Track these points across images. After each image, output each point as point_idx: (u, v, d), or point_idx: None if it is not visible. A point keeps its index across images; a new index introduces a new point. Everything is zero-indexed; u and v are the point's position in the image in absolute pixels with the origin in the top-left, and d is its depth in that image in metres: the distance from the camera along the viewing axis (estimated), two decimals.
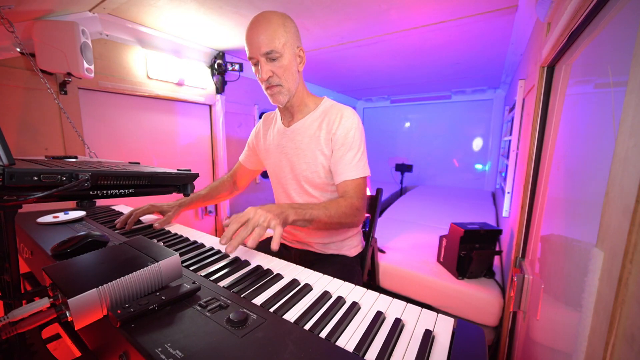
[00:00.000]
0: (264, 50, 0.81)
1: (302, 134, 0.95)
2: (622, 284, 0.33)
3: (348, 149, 0.89)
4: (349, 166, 0.89)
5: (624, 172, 0.36)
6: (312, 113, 0.96)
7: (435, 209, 2.85)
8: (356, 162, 0.89)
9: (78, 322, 0.42)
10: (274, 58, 0.83)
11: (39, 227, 0.87)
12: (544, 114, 0.95)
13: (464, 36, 1.86)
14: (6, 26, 1.07)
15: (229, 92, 2.39)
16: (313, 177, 0.95)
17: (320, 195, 0.98)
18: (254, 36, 0.82)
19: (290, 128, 0.97)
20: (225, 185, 1.22)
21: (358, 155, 0.90)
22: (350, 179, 0.89)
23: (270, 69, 0.84)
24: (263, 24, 0.81)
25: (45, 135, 1.42)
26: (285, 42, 0.83)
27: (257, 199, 2.88)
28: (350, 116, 0.91)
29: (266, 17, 0.82)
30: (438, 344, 0.43)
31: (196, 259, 0.69)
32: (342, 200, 0.85)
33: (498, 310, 1.29)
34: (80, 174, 0.43)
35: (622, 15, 0.48)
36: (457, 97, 3.95)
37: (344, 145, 0.89)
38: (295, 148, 0.96)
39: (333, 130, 0.90)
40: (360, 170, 0.89)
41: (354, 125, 0.90)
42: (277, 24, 0.82)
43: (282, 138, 1.00)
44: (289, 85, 0.88)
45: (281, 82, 0.87)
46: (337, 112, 0.92)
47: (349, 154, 0.89)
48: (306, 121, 0.95)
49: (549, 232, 0.79)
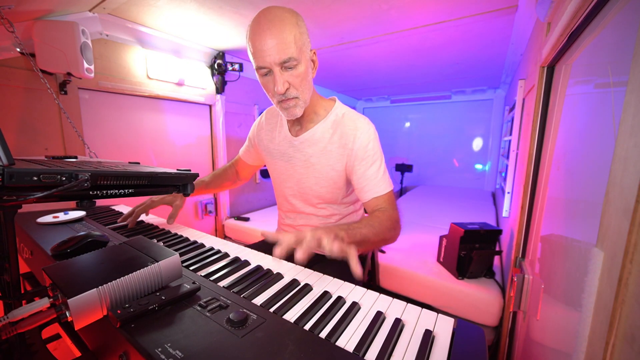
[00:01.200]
0: (280, 58, 0.69)
1: (312, 147, 0.87)
2: (622, 284, 0.33)
3: (370, 164, 0.82)
4: (375, 181, 0.82)
5: (624, 172, 0.36)
6: (322, 122, 0.87)
7: (435, 209, 2.85)
8: (381, 175, 0.83)
9: (78, 322, 0.42)
10: (291, 67, 0.71)
11: (39, 227, 0.87)
12: (544, 114, 0.95)
13: (464, 36, 1.86)
14: (6, 26, 1.07)
15: (229, 92, 2.39)
16: (321, 193, 0.90)
17: (327, 207, 0.95)
18: (266, 39, 0.67)
19: (299, 138, 0.89)
20: (228, 175, 1.17)
21: (382, 167, 0.84)
22: (380, 194, 0.82)
23: (287, 79, 0.72)
24: (276, 26, 0.67)
25: (45, 135, 1.42)
26: (302, 47, 0.71)
27: (257, 199, 2.88)
28: (366, 128, 0.83)
29: (279, 16, 0.68)
30: (438, 344, 0.43)
31: (196, 259, 0.69)
32: (381, 214, 0.79)
33: (498, 310, 1.29)
34: (80, 174, 0.43)
35: (622, 15, 0.48)
36: (457, 97, 3.94)
37: (365, 159, 0.82)
38: (304, 161, 0.89)
39: (350, 146, 0.83)
40: (387, 183, 0.84)
41: (370, 137, 0.83)
42: (292, 24, 0.69)
43: (288, 147, 0.92)
44: (305, 96, 0.78)
45: (298, 94, 0.76)
46: (351, 124, 0.84)
47: (372, 169, 0.82)
48: (316, 132, 0.87)
49: (549, 232, 0.79)
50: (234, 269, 0.64)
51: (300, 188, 0.94)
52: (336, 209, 0.96)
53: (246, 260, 0.69)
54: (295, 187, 0.95)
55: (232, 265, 0.66)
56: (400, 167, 4.03)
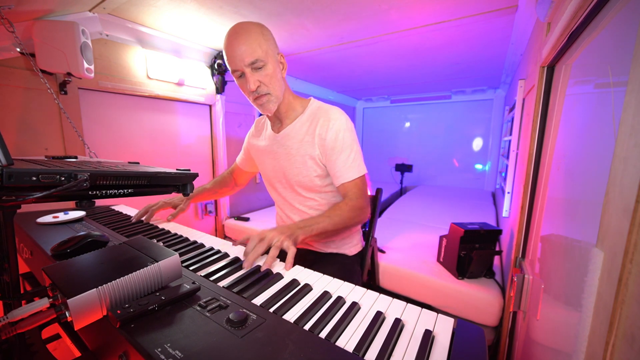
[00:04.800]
0: (248, 60, 0.80)
1: (292, 139, 0.95)
2: (622, 284, 0.33)
3: (340, 152, 0.89)
4: (344, 168, 0.90)
5: (624, 172, 0.36)
6: (300, 117, 0.95)
7: (435, 209, 2.85)
8: (350, 162, 0.90)
9: (78, 322, 0.42)
10: (259, 67, 0.83)
11: (38, 227, 0.87)
12: (544, 114, 0.95)
13: (464, 36, 1.86)
14: (6, 26, 1.07)
15: (229, 92, 2.39)
16: (305, 182, 0.96)
17: (317, 197, 0.98)
18: (236, 47, 0.80)
19: (280, 134, 0.98)
20: (226, 181, 1.28)
21: (352, 155, 0.90)
22: (348, 180, 0.90)
23: (257, 78, 0.84)
24: (243, 35, 0.80)
25: (45, 135, 1.42)
26: (267, 50, 0.83)
27: (257, 199, 2.88)
28: (338, 117, 0.91)
29: (244, 28, 0.82)
30: (438, 344, 0.43)
31: (196, 259, 0.69)
32: (343, 205, 0.87)
33: (498, 310, 1.29)
34: (79, 174, 0.43)
35: (622, 15, 0.48)
36: (457, 97, 3.94)
37: (335, 148, 0.89)
38: (286, 154, 0.96)
39: (323, 135, 0.90)
40: (356, 170, 0.90)
41: (342, 127, 0.90)
42: (256, 33, 0.82)
43: (273, 144, 1.00)
44: (276, 92, 0.88)
45: (269, 90, 0.86)
46: (324, 115, 0.92)
47: (342, 156, 0.89)
48: (295, 126, 0.95)
49: (549, 232, 0.79)
50: (234, 269, 0.64)
51: (287, 180, 1.00)
52: (324, 198, 0.99)
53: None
54: (284, 179, 1.01)
55: (232, 265, 0.66)
56: (400, 167, 4.03)
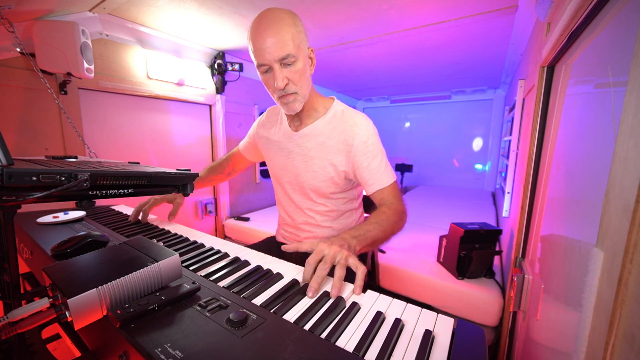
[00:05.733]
0: (279, 55, 0.73)
1: (311, 141, 0.90)
2: (622, 284, 0.33)
3: (372, 157, 0.86)
4: (378, 174, 0.86)
5: (624, 172, 0.36)
6: (321, 118, 0.90)
7: (435, 209, 2.85)
8: (384, 168, 0.87)
9: (78, 322, 0.42)
10: (290, 63, 0.76)
11: (38, 227, 0.87)
12: (544, 114, 0.95)
13: (464, 36, 1.86)
14: (6, 26, 1.07)
15: (229, 92, 2.39)
16: (320, 187, 0.92)
17: (327, 202, 0.96)
18: (266, 38, 0.72)
19: (299, 133, 0.92)
20: (222, 167, 1.22)
21: (384, 160, 0.87)
22: (385, 186, 0.86)
23: (286, 75, 0.77)
24: (274, 25, 0.73)
25: (45, 135, 1.42)
26: (299, 44, 0.76)
27: (257, 199, 2.88)
28: (365, 123, 0.87)
29: (277, 16, 0.74)
30: (438, 344, 0.43)
31: (196, 259, 0.69)
32: (387, 210, 0.82)
33: (498, 310, 1.29)
34: (79, 174, 0.43)
35: (622, 15, 0.48)
36: (457, 97, 3.95)
37: (367, 154, 0.85)
38: (303, 155, 0.92)
39: (350, 142, 0.86)
40: (390, 175, 0.88)
41: (369, 132, 0.86)
42: (289, 24, 0.74)
43: (288, 142, 0.95)
44: (304, 91, 0.82)
45: (297, 89, 0.80)
46: (350, 121, 0.87)
47: (375, 162, 0.86)
48: (316, 127, 0.90)
49: (549, 232, 0.79)
50: (234, 269, 0.64)
51: (298, 182, 0.96)
52: (334, 205, 0.97)
53: (246, 260, 0.69)
54: (294, 181, 0.97)
55: (232, 265, 0.66)
56: (400, 167, 4.02)
